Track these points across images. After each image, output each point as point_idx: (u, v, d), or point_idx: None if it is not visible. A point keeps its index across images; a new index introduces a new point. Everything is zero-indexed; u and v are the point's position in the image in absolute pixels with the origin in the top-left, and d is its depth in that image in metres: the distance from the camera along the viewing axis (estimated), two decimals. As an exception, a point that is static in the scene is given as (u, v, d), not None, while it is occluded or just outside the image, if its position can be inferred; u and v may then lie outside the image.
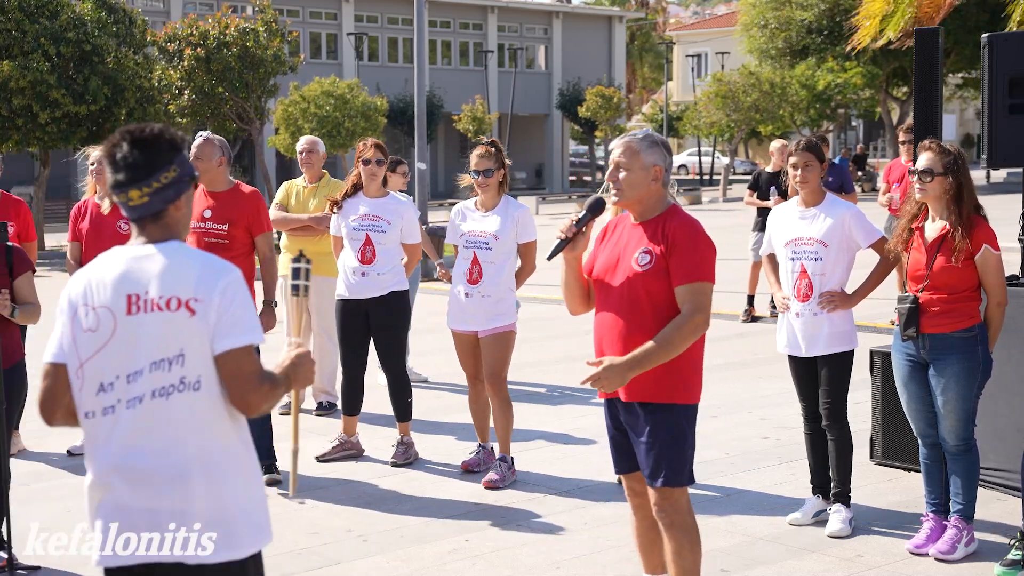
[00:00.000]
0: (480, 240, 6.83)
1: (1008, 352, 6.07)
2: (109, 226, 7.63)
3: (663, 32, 72.33)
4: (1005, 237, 8.11)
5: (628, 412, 4.47)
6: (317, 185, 8.88)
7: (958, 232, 5.39)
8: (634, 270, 4.37)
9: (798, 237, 5.99)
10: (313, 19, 49.09)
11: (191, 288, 3.13)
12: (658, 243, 4.34)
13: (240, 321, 3.14)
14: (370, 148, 7.40)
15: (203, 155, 7.00)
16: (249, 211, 7.07)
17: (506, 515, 6.38)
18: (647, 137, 4.45)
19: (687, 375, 4.41)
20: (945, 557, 5.51)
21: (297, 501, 6.67)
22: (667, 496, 4.42)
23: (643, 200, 4.42)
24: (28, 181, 34.36)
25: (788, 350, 6.09)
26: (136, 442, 3.16)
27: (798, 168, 5.99)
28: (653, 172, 4.39)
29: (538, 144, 56.09)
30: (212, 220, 7.01)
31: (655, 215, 4.42)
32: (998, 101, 6.19)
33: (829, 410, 5.99)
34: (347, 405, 7.53)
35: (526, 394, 9.37)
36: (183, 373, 3.12)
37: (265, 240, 7.15)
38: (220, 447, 3.20)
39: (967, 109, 65.46)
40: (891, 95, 44.48)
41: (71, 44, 23.72)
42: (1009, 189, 28.88)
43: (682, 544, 4.43)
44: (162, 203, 3.20)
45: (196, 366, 3.12)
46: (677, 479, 4.39)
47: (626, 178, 4.39)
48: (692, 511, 4.50)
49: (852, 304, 5.95)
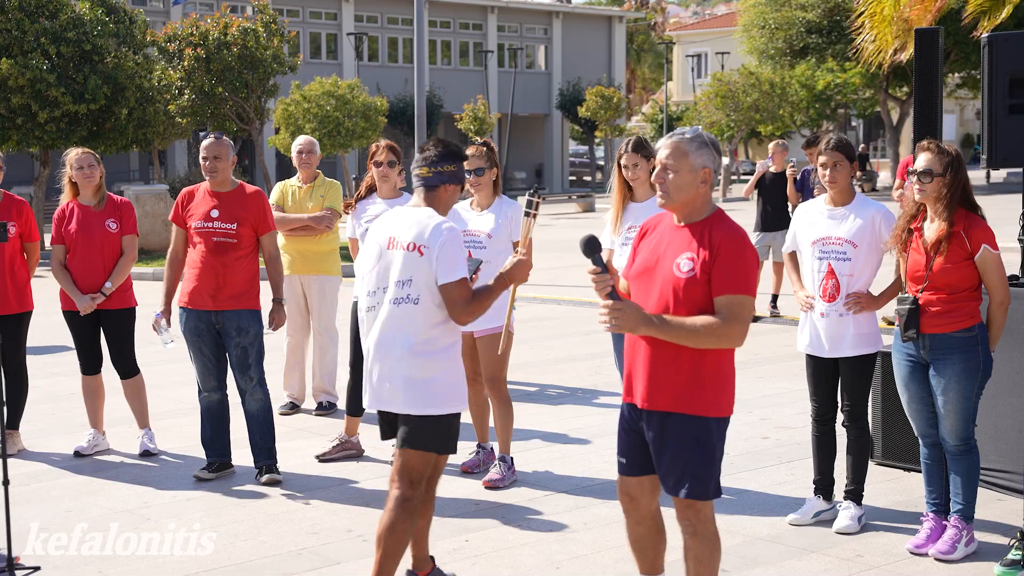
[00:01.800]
0: (475, 239, 6.83)
1: (1008, 352, 6.07)
2: (98, 225, 7.62)
3: (663, 32, 72.32)
4: (1005, 237, 8.11)
5: (651, 420, 4.34)
6: (313, 185, 8.88)
7: (960, 232, 5.39)
8: (675, 276, 4.23)
9: (826, 236, 5.94)
10: (313, 19, 49.10)
11: (424, 238, 4.76)
12: (703, 250, 4.20)
13: (452, 264, 4.71)
14: (383, 150, 7.42)
15: (220, 154, 7.01)
16: (255, 211, 7.08)
17: (506, 515, 6.38)
18: (696, 137, 4.30)
19: (716, 387, 4.28)
20: (945, 557, 5.51)
21: (302, 502, 6.67)
22: (692, 507, 4.33)
23: (690, 203, 4.28)
24: (28, 181, 34.36)
25: (810, 350, 6.05)
26: (384, 330, 4.82)
27: (827, 167, 5.95)
28: (702, 174, 4.26)
29: (538, 144, 56.10)
30: (220, 220, 6.99)
31: (701, 218, 4.29)
32: (998, 101, 6.19)
33: (850, 411, 5.99)
34: (351, 406, 7.50)
35: (526, 394, 9.37)
36: (409, 291, 4.77)
37: (270, 239, 7.17)
38: (428, 339, 4.77)
39: (965, 108, 65.44)
40: (891, 95, 44.47)
41: (71, 44, 23.72)
42: (1009, 189, 28.91)
43: (703, 552, 4.36)
44: (437, 181, 4.91)
45: (418, 288, 4.75)
46: (702, 491, 4.30)
47: (674, 180, 4.25)
48: (715, 519, 4.41)
49: (878, 306, 5.91)
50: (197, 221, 7.03)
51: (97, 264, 7.61)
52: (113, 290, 7.60)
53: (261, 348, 7.10)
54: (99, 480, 7.21)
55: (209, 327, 7.00)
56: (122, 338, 7.75)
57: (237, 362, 7.02)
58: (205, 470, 7.14)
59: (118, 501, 6.74)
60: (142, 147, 27.21)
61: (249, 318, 7.04)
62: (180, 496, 6.84)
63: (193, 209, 7.09)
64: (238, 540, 6.04)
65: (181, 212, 7.13)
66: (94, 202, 7.68)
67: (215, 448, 7.18)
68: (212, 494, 6.86)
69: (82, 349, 7.77)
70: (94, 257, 7.61)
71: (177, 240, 7.15)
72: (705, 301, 4.19)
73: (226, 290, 6.97)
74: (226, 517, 6.42)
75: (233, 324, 6.98)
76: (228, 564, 5.71)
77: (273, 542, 6.01)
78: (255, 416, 7.09)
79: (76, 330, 7.73)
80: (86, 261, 7.60)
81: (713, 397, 4.29)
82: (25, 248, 7.84)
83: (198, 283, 6.99)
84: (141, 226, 19.85)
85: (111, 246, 7.66)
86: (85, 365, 7.80)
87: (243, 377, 7.03)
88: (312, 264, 8.89)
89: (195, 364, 7.11)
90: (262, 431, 7.10)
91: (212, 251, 6.97)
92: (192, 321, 7.03)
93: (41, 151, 25.49)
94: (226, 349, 7.05)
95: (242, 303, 7.01)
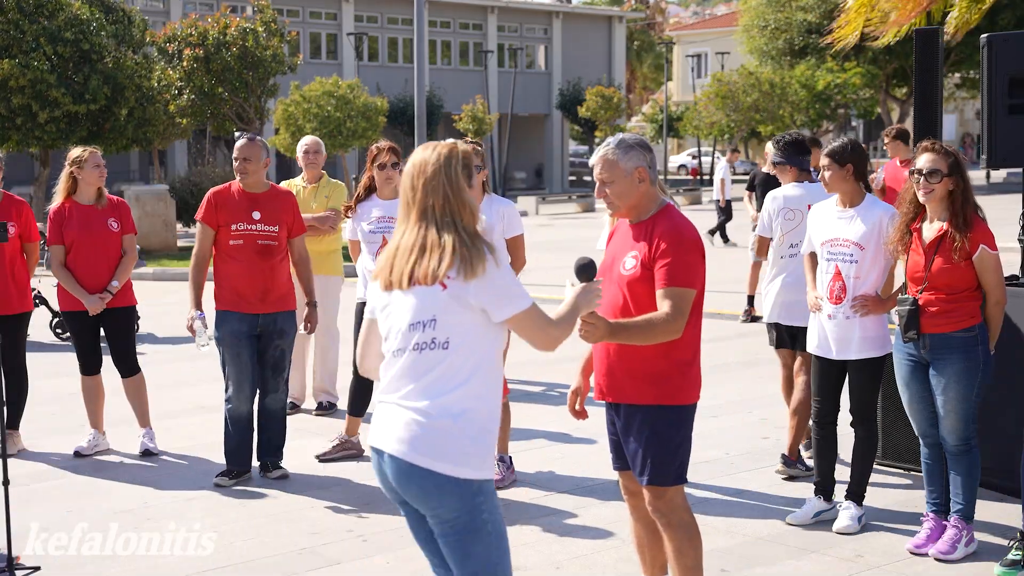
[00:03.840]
0: None
1: (1008, 352, 6.06)
2: (101, 224, 7.62)
3: (663, 32, 72.34)
4: (1005, 237, 8.11)
5: (617, 413, 4.51)
6: (317, 185, 8.87)
7: (957, 232, 5.39)
8: (621, 275, 4.41)
9: (835, 238, 5.94)
10: (313, 19, 49.10)
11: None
12: (645, 246, 4.36)
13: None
14: (385, 152, 7.37)
15: (252, 156, 6.97)
16: (291, 212, 7.10)
17: (506, 515, 6.36)
18: (620, 143, 4.44)
19: (674, 377, 4.38)
20: (945, 557, 5.51)
21: (303, 502, 6.67)
22: (659, 495, 4.43)
23: (636, 205, 4.43)
24: (28, 181, 34.35)
25: (817, 351, 6.06)
26: None
27: (825, 169, 5.96)
28: (637, 175, 4.39)
29: (538, 144, 56.09)
30: (263, 222, 6.96)
31: (648, 216, 4.43)
32: (998, 101, 6.19)
33: (858, 411, 5.99)
34: (354, 406, 7.50)
35: (526, 394, 9.37)
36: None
37: (302, 242, 7.20)
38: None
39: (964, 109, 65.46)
40: (891, 95, 44.49)
41: (70, 44, 23.71)
42: (1009, 189, 28.91)
43: (682, 542, 4.43)
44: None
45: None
46: (662, 478, 4.40)
47: (614, 190, 4.40)
48: (689, 509, 4.49)
49: (884, 310, 5.89)
50: (239, 223, 6.95)
51: (102, 263, 7.61)
52: (119, 288, 7.62)
53: (292, 349, 7.21)
54: (99, 480, 7.21)
55: (251, 329, 6.97)
56: (124, 337, 7.76)
57: (273, 363, 7.04)
58: (225, 476, 7.04)
59: (118, 501, 6.74)
60: (142, 147, 27.23)
61: (291, 319, 7.12)
62: (180, 496, 6.84)
63: (230, 211, 6.99)
64: (238, 540, 6.03)
65: (215, 212, 7.00)
66: (96, 201, 7.69)
67: (238, 457, 7.09)
68: (212, 494, 6.86)
69: (82, 349, 7.77)
70: (98, 256, 7.61)
71: (206, 240, 7.04)
72: (649, 297, 4.33)
73: (274, 292, 7.01)
74: (226, 517, 6.42)
75: (277, 326, 7.02)
76: (228, 564, 5.71)
77: (273, 542, 6.01)
78: (275, 415, 7.12)
79: (77, 330, 7.72)
80: (90, 261, 7.59)
81: (671, 387, 4.39)
82: (24, 248, 7.84)
83: (245, 286, 6.93)
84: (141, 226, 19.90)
85: (114, 245, 7.67)
86: (85, 365, 7.80)
87: (275, 379, 7.07)
88: (315, 264, 8.86)
89: (230, 370, 7.01)
90: (278, 430, 7.14)
91: (259, 253, 6.94)
92: (234, 324, 6.95)
93: (41, 151, 25.48)
94: (262, 352, 7.03)
95: (287, 304, 7.09)
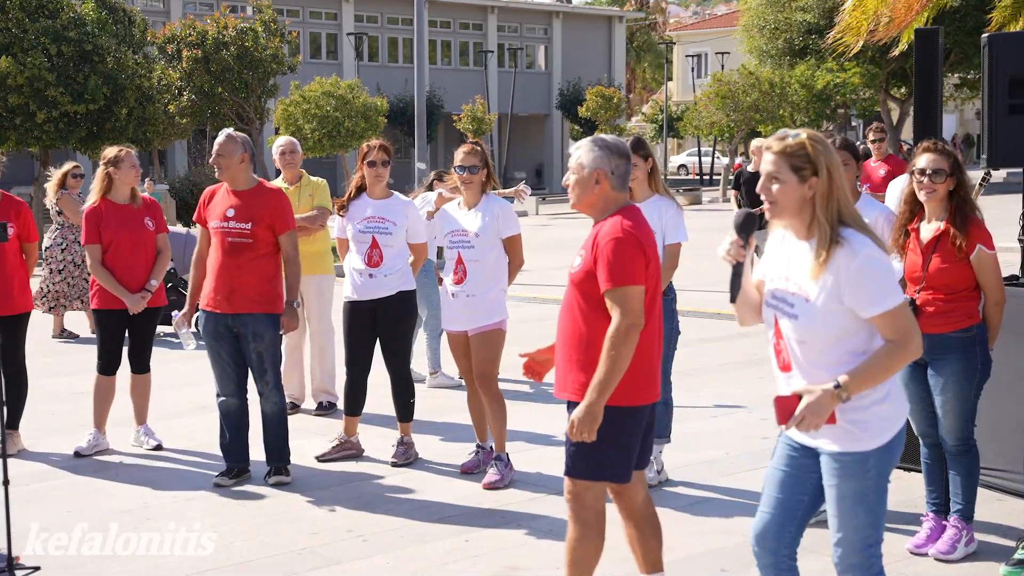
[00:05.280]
0: (463, 239, 6.81)
1: (1008, 352, 6.06)
2: (139, 223, 7.70)
3: (663, 32, 72.32)
4: (1005, 237, 8.12)
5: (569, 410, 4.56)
6: (299, 185, 8.86)
7: (955, 232, 5.39)
8: (570, 273, 4.50)
9: None
10: (313, 19, 49.09)
11: None
12: (592, 247, 4.42)
13: None
14: (376, 150, 7.36)
15: (224, 151, 6.93)
16: (273, 209, 6.96)
17: (506, 515, 6.37)
18: (594, 141, 4.51)
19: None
20: (945, 557, 5.51)
21: (303, 502, 6.67)
22: (570, 488, 4.53)
23: (592, 204, 4.49)
24: (28, 181, 34.33)
25: None
26: None
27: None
28: (594, 176, 4.45)
29: (538, 144, 56.09)
30: (235, 219, 6.91)
31: (602, 218, 4.49)
32: (998, 101, 6.18)
33: None
34: (349, 406, 7.51)
35: (524, 394, 9.36)
36: None
37: (289, 239, 7.02)
38: None
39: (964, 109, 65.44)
40: (891, 95, 44.47)
41: (71, 43, 23.72)
42: (1009, 189, 28.87)
43: (574, 537, 4.52)
44: None
45: None
46: (577, 470, 4.49)
47: (572, 185, 4.51)
48: (599, 511, 4.53)
49: None
50: (214, 221, 6.96)
51: (140, 262, 7.68)
52: (157, 287, 7.66)
53: (277, 353, 7.05)
54: (99, 480, 7.21)
55: (227, 330, 6.94)
56: (147, 335, 7.82)
57: (255, 367, 6.99)
58: (225, 476, 7.04)
59: (118, 501, 6.74)
60: (142, 147, 27.22)
61: (265, 323, 6.91)
62: (180, 496, 6.84)
63: (212, 208, 7.02)
64: (238, 540, 6.03)
65: (203, 212, 7.06)
66: (131, 201, 7.71)
67: (233, 454, 7.09)
68: (212, 494, 6.86)
69: (108, 348, 7.77)
70: (137, 255, 7.67)
71: (201, 240, 7.08)
72: (595, 297, 4.40)
73: (240, 292, 6.87)
74: (226, 517, 6.42)
75: (249, 328, 6.89)
76: (228, 564, 5.71)
77: (273, 542, 6.01)
78: (270, 419, 7.10)
79: (107, 329, 7.73)
80: (129, 260, 7.64)
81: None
82: (23, 248, 7.84)
83: (215, 285, 6.93)
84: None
85: (150, 244, 7.74)
86: (106, 365, 7.79)
87: (260, 381, 7.02)
88: (307, 264, 8.84)
89: (213, 368, 7.05)
90: (275, 433, 7.10)
91: (227, 252, 6.90)
92: (210, 323, 6.96)
93: (41, 151, 25.48)
94: (244, 354, 6.99)
95: (258, 306, 6.89)
